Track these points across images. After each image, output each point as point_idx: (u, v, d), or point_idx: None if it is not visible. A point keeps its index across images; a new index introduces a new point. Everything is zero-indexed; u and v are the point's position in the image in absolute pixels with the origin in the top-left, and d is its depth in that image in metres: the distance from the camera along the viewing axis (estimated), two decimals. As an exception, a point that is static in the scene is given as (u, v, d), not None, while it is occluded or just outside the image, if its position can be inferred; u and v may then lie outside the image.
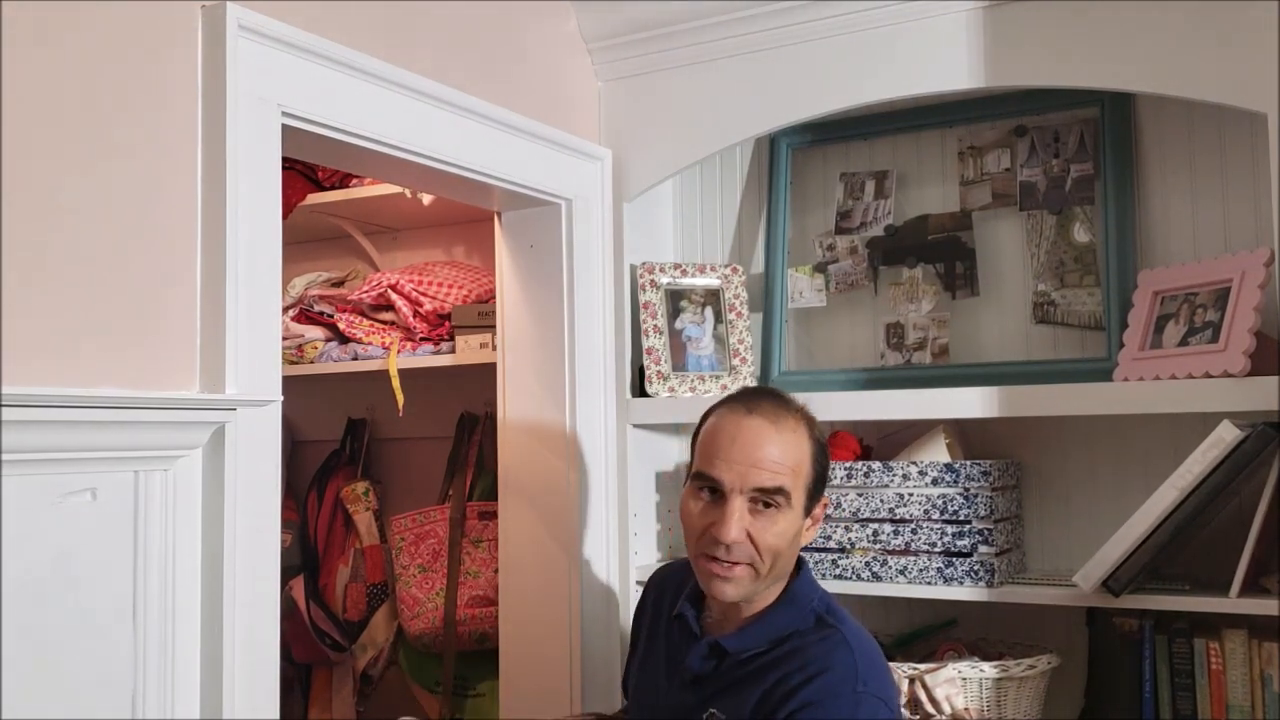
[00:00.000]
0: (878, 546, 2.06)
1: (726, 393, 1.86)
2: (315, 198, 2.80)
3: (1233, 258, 1.87)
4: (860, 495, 2.08)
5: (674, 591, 1.73)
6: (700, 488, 1.57)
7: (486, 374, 2.45)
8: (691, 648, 1.61)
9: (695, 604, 1.67)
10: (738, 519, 1.52)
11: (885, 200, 2.34)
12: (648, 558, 2.31)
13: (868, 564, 2.07)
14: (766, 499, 1.53)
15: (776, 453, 1.54)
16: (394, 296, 2.68)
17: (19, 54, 1.30)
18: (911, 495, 2.03)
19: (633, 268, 2.33)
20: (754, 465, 1.53)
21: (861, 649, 1.53)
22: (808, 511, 1.60)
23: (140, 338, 1.42)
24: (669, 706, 1.62)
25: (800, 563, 1.66)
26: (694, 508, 1.57)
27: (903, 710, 1.88)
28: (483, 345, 2.55)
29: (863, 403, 2.12)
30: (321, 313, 2.82)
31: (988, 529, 1.97)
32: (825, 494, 1.65)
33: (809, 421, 1.61)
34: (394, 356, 2.65)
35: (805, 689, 1.47)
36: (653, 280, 2.31)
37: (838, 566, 2.09)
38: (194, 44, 1.51)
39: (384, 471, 3.09)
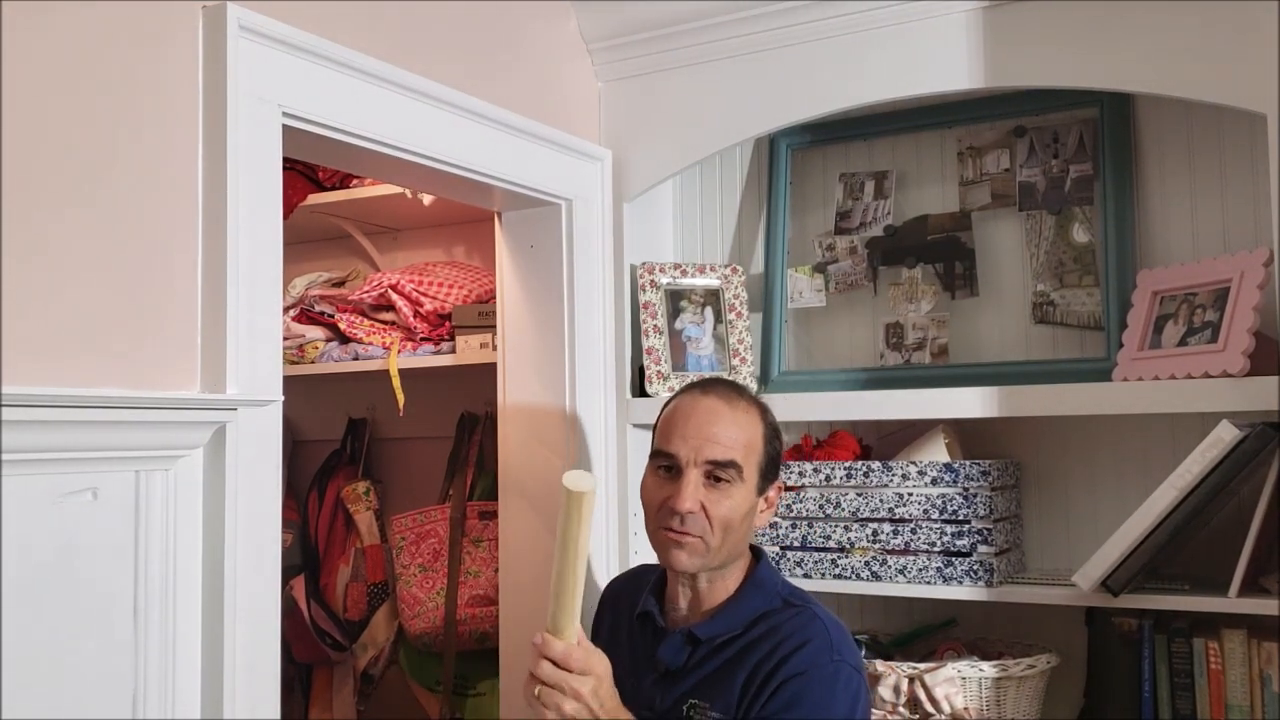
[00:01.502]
0: (877, 546, 2.07)
1: None
2: (316, 198, 2.80)
3: (1232, 258, 1.88)
4: (860, 495, 2.08)
5: (630, 596, 1.77)
6: (658, 465, 1.67)
7: (486, 374, 2.45)
8: (662, 642, 1.65)
9: (658, 599, 1.72)
10: (693, 490, 1.60)
11: (885, 200, 2.34)
12: (648, 558, 2.31)
13: (867, 564, 2.07)
14: (719, 472, 1.62)
15: (730, 429, 1.64)
16: (394, 296, 2.68)
17: (19, 54, 1.30)
18: (911, 495, 2.03)
19: (633, 268, 2.33)
20: (708, 439, 1.62)
21: (831, 621, 1.60)
22: (760, 492, 1.67)
23: (141, 337, 1.43)
24: (639, 704, 1.62)
25: (760, 553, 1.72)
26: (652, 484, 1.67)
27: (901, 709, 1.88)
28: (483, 345, 2.55)
29: (862, 403, 2.13)
30: (322, 313, 2.82)
31: (987, 529, 1.98)
32: (780, 479, 1.74)
33: (761, 407, 1.72)
34: (394, 356, 2.66)
35: (789, 662, 1.53)
36: (653, 280, 2.31)
37: (837, 566, 2.09)
38: (194, 44, 1.51)
39: (384, 471, 3.09)
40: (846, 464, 2.11)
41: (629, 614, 1.74)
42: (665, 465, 1.65)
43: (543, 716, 1.45)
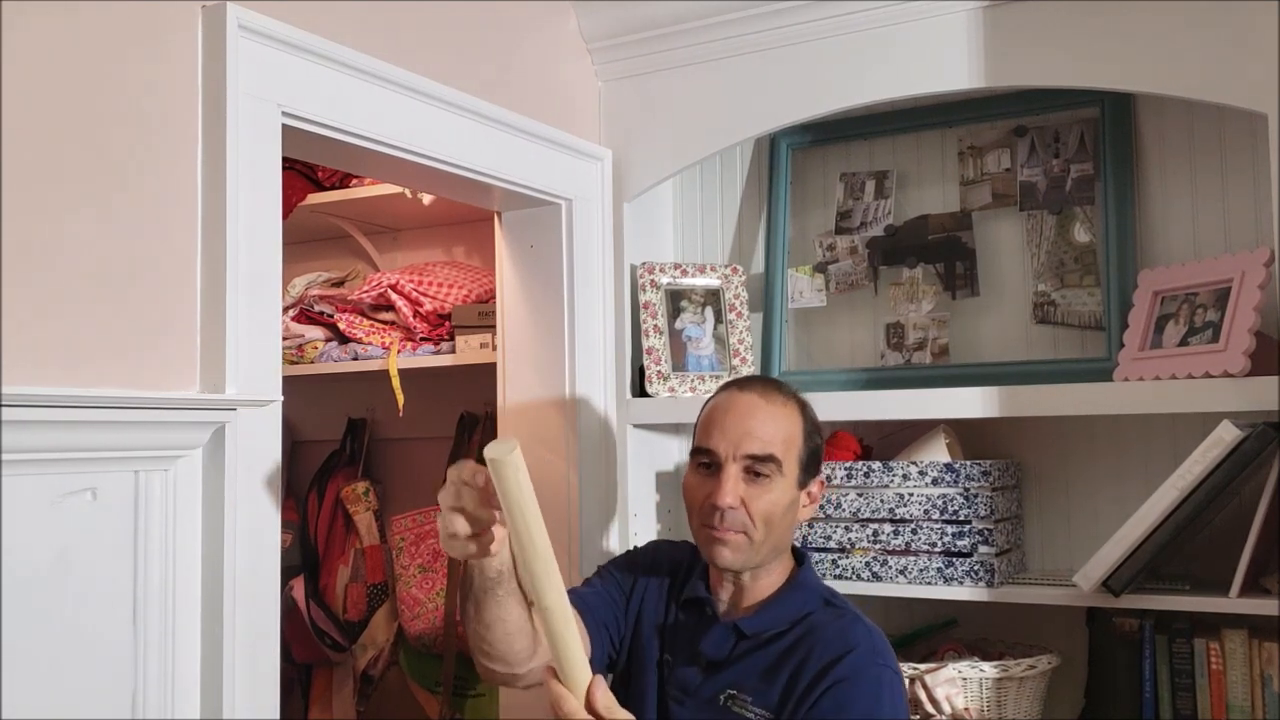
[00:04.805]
0: (878, 546, 2.06)
1: None
2: (315, 198, 2.80)
3: (1233, 258, 1.87)
4: (860, 495, 2.08)
5: (670, 568, 1.77)
6: (699, 463, 1.67)
7: (486, 374, 2.45)
8: (706, 632, 1.66)
9: (705, 588, 1.72)
10: (732, 485, 1.61)
11: (885, 200, 2.34)
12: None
13: (868, 564, 2.07)
14: (758, 467, 1.62)
15: (767, 424, 1.65)
16: (394, 296, 2.68)
17: (19, 54, 1.30)
18: (911, 495, 2.03)
19: (633, 268, 2.33)
20: (746, 434, 1.63)
21: (873, 627, 1.62)
22: (802, 486, 1.68)
23: (140, 337, 1.42)
24: (675, 685, 1.64)
25: (803, 555, 1.74)
26: (694, 482, 1.67)
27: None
28: (483, 345, 2.55)
29: (863, 403, 2.12)
30: (322, 313, 2.82)
31: (988, 529, 1.97)
32: (821, 474, 1.74)
33: (800, 402, 1.72)
34: (394, 356, 2.65)
35: (835, 668, 1.54)
36: (653, 280, 2.31)
37: (838, 566, 2.09)
38: (194, 44, 1.51)
39: (384, 471, 3.09)
40: (847, 464, 2.10)
41: (661, 585, 1.75)
42: (705, 462, 1.66)
43: None
